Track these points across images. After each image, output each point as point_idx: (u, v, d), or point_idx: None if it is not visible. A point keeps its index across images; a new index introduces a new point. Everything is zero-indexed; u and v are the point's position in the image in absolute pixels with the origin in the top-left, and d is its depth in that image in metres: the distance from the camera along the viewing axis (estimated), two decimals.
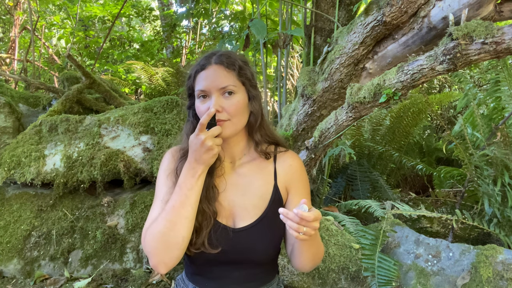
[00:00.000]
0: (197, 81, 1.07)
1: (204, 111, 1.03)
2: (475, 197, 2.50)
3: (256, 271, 1.13)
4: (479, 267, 1.64)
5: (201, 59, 1.10)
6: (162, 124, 2.47)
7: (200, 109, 1.06)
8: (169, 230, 0.97)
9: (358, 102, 1.69)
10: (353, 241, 1.94)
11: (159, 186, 1.12)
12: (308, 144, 2.01)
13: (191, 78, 1.10)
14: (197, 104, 1.07)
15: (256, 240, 1.08)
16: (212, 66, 1.06)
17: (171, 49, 7.56)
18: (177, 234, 0.98)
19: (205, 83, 1.05)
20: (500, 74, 2.35)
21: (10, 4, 6.27)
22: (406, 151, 3.60)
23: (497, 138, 2.08)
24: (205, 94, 1.05)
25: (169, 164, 1.13)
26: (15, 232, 2.39)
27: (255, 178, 1.14)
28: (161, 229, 0.98)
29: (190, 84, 1.11)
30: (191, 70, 1.11)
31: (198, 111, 1.07)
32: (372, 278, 1.74)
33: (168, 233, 0.97)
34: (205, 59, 1.09)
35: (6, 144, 2.59)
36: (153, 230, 0.99)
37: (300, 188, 1.16)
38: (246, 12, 4.18)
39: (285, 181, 1.15)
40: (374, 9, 1.78)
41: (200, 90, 1.05)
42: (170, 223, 0.97)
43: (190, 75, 1.10)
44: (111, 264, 2.33)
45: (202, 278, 1.14)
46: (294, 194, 1.15)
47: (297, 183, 1.16)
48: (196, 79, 1.08)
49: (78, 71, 3.21)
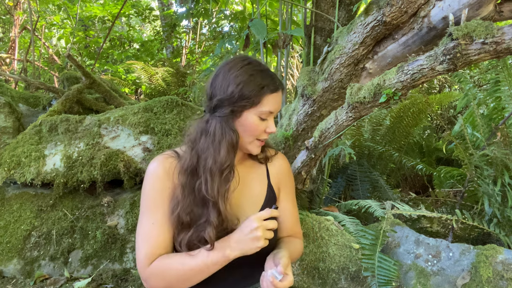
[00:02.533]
0: (267, 101, 1.06)
1: (262, 130, 1.07)
2: (475, 197, 2.50)
3: (254, 269, 1.14)
4: (479, 267, 1.64)
5: (269, 77, 1.07)
6: (162, 124, 2.47)
7: (260, 127, 1.07)
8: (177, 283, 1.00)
9: (358, 102, 1.69)
10: (353, 241, 1.94)
11: (148, 205, 1.06)
12: (308, 144, 2.01)
13: (254, 91, 1.05)
14: (256, 122, 1.07)
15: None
16: (280, 91, 1.09)
17: (171, 49, 7.56)
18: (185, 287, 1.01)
19: (276, 107, 1.08)
20: (500, 74, 2.35)
21: (10, 4, 6.26)
22: (406, 151, 3.60)
23: (497, 138, 2.08)
24: (268, 116, 1.08)
25: (164, 183, 1.07)
26: (15, 232, 2.39)
27: (250, 179, 1.18)
28: (171, 280, 0.99)
29: (250, 95, 1.05)
30: (258, 84, 1.05)
31: (255, 129, 1.07)
32: (372, 278, 1.74)
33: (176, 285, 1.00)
34: (275, 80, 1.08)
35: (6, 144, 2.59)
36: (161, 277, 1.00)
37: (289, 186, 1.27)
38: (246, 12, 4.18)
39: (277, 180, 1.23)
40: (374, 9, 1.78)
41: (269, 111, 1.06)
42: (180, 282, 0.99)
43: (256, 90, 1.05)
44: (111, 264, 2.33)
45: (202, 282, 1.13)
46: (284, 191, 1.24)
47: (286, 182, 1.25)
48: (265, 98, 1.05)
49: (78, 71, 3.21)
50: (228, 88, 1.05)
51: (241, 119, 1.06)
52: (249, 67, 1.07)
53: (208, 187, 1.03)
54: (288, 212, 1.23)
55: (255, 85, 1.05)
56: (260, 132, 1.08)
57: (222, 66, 1.10)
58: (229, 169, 1.05)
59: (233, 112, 1.05)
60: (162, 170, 1.08)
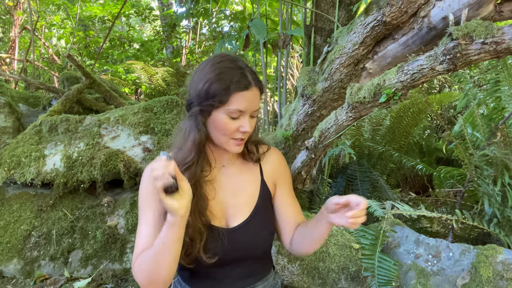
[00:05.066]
0: (235, 99, 1.01)
1: (234, 129, 1.03)
2: (475, 197, 2.51)
3: (253, 267, 1.15)
4: (479, 267, 1.64)
5: (238, 75, 1.02)
6: (162, 124, 2.47)
7: (230, 126, 1.03)
8: (151, 270, 0.96)
9: (358, 102, 1.69)
10: (353, 241, 1.94)
11: (142, 207, 1.06)
12: (308, 144, 2.01)
13: (221, 90, 1.01)
14: (225, 120, 1.03)
15: (253, 235, 1.11)
16: (253, 89, 1.04)
17: (171, 49, 7.56)
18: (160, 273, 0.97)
19: (245, 104, 1.02)
20: (500, 74, 2.35)
21: (10, 4, 6.27)
22: (406, 151, 3.60)
23: (497, 138, 2.08)
24: (239, 115, 1.04)
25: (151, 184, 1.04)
26: (15, 232, 2.39)
27: (243, 177, 1.17)
28: (145, 268, 0.97)
29: (216, 94, 1.01)
30: (225, 82, 1.01)
31: (226, 128, 1.03)
32: (372, 278, 1.74)
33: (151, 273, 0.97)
34: (244, 77, 1.03)
35: (6, 144, 2.59)
36: (140, 270, 0.98)
37: (286, 181, 1.24)
38: (246, 12, 4.18)
39: (272, 175, 1.21)
40: (374, 9, 1.78)
41: (238, 110, 1.02)
42: (152, 267, 0.96)
43: (222, 88, 1.01)
44: (111, 264, 2.33)
45: (200, 280, 1.14)
46: (282, 186, 1.22)
47: (282, 176, 1.23)
48: (233, 96, 1.01)
49: (78, 71, 3.21)
50: (197, 86, 1.04)
51: (210, 118, 1.04)
52: (220, 64, 1.04)
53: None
54: (289, 206, 1.22)
55: (222, 83, 1.01)
56: (232, 132, 1.04)
57: (200, 65, 1.09)
58: (189, 165, 1.04)
59: (202, 111, 1.04)
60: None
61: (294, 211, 1.22)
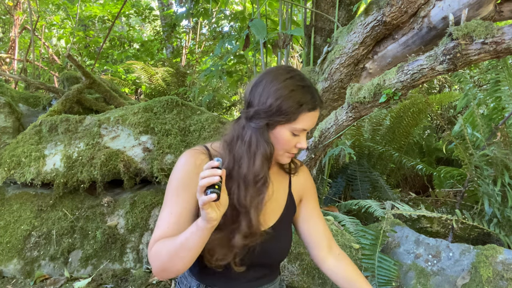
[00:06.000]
0: (302, 118, 1.04)
1: (293, 145, 1.07)
2: (475, 197, 2.51)
3: (266, 271, 1.17)
4: (479, 267, 1.64)
5: (309, 94, 1.05)
6: (162, 124, 2.47)
7: (291, 142, 1.07)
8: (168, 260, 0.98)
9: (358, 102, 1.69)
10: (353, 241, 1.94)
11: (170, 194, 1.06)
12: (308, 144, 2.01)
13: (293, 109, 1.03)
14: (288, 137, 1.06)
15: (274, 243, 1.13)
16: (318, 110, 1.08)
17: (171, 49, 7.57)
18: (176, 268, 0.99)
19: (310, 124, 1.07)
20: (500, 74, 2.35)
21: (10, 4, 6.27)
22: (406, 151, 3.60)
23: (497, 138, 2.08)
24: (301, 133, 1.07)
25: (191, 178, 1.04)
26: (15, 232, 2.39)
27: (275, 185, 1.17)
28: (163, 258, 0.98)
29: (288, 112, 1.03)
30: (298, 101, 1.03)
31: (286, 143, 1.07)
32: (372, 278, 1.74)
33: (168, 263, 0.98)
34: (314, 97, 1.06)
35: (6, 144, 2.59)
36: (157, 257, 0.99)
37: (314, 195, 1.28)
38: (246, 12, 4.18)
39: (300, 190, 1.24)
40: (374, 9, 1.78)
41: (303, 129, 1.06)
42: (169, 257, 0.98)
43: (295, 107, 1.03)
44: (111, 264, 2.33)
45: (211, 277, 1.13)
46: (310, 199, 1.26)
47: (310, 190, 1.27)
48: (302, 115, 1.04)
49: (78, 71, 3.21)
50: (267, 100, 1.04)
51: (274, 132, 1.06)
52: (291, 81, 1.05)
53: (240, 195, 1.03)
54: (318, 218, 1.26)
55: (294, 101, 1.03)
56: (291, 147, 1.08)
57: (264, 75, 1.08)
58: (263, 181, 1.05)
59: (268, 125, 1.05)
60: (193, 165, 1.08)
61: (323, 223, 1.27)
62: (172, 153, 2.39)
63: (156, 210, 2.39)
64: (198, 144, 2.42)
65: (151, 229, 2.37)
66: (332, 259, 1.24)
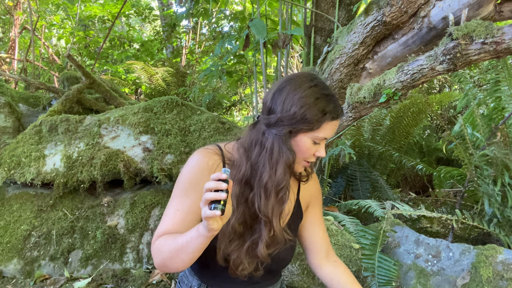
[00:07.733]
0: (325, 127, 1.04)
1: (312, 153, 1.07)
2: (475, 197, 2.51)
3: (269, 275, 1.18)
4: (479, 267, 1.64)
5: (332, 103, 1.04)
6: (162, 124, 2.47)
7: (311, 151, 1.06)
8: (169, 258, 0.99)
9: (358, 102, 1.69)
10: (353, 241, 1.94)
11: (180, 193, 1.05)
12: None
13: (317, 117, 1.02)
14: (309, 145, 1.05)
15: (284, 249, 1.13)
16: (339, 119, 1.08)
17: (171, 49, 7.57)
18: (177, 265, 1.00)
19: (331, 133, 1.06)
20: (500, 74, 2.35)
21: (10, 4, 6.27)
22: (406, 151, 3.60)
23: (497, 138, 2.08)
24: (321, 141, 1.07)
25: (203, 178, 1.04)
26: (15, 232, 2.39)
27: None
28: (164, 255, 0.99)
29: (312, 120, 1.02)
30: (322, 110, 1.02)
31: (306, 151, 1.06)
32: (372, 278, 1.74)
33: (168, 260, 0.99)
34: (337, 107, 1.05)
35: (6, 144, 2.59)
36: (158, 253, 1.00)
37: (320, 202, 1.30)
38: (246, 12, 4.18)
39: (307, 197, 1.25)
40: (374, 9, 1.78)
41: (324, 138, 1.05)
42: (170, 255, 0.98)
43: (319, 116, 1.02)
44: (111, 264, 2.33)
45: (213, 278, 1.14)
46: (316, 206, 1.28)
47: (317, 197, 1.29)
48: (325, 124, 1.03)
49: (78, 71, 3.21)
50: (291, 108, 1.02)
51: (296, 139, 1.05)
52: (316, 89, 1.04)
53: (262, 204, 1.03)
54: (320, 225, 1.28)
55: (318, 110, 1.02)
56: (309, 155, 1.07)
57: (287, 82, 1.07)
58: (285, 190, 1.04)
59: (290, 133, 1.04)
60: (205, 165, 1.07)
61: (323, 230, 1.28)
62: (172, 153, 2.39)
63: (156, 210, 2.39)
64: (198, 144, 2.43)
65: (151, 229, 2.37)
66: (329, 266, 1.25)
